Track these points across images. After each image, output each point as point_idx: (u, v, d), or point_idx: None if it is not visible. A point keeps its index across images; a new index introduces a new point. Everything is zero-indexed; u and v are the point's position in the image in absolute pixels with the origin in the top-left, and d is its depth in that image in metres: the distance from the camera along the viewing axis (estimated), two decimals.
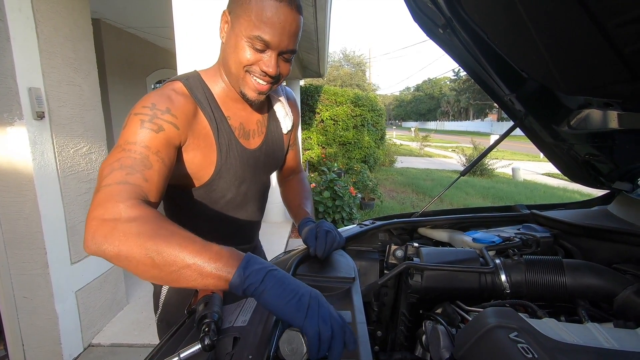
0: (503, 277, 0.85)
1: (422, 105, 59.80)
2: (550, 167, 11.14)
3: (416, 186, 7.60)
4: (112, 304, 2.42)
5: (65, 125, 1.99)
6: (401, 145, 16.13)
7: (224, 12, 0.75)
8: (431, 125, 54.48)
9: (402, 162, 11.50)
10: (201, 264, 0.52)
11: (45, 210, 1.84)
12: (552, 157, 1.25)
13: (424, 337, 0.80)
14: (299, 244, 1.07)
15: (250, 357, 0.55)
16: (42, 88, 1.83)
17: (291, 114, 0.97)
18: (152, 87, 5.33)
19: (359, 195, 4.87)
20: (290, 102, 1.00)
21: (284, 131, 0.96)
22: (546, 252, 1.00)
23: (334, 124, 8.36)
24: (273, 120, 0.93)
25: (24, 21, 1.73)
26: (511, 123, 1.26)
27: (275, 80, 0.76)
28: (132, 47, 4.73)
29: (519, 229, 1.11)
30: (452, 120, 55.01)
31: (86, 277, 2.16)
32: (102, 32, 4.06)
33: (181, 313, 0.92)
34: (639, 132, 0.93)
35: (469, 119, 51.11)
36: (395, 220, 1.20)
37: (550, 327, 0.59)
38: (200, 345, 0.57)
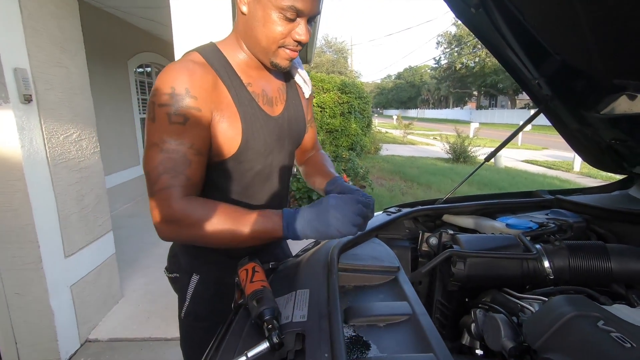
0: (546, 263, 0.84)
1: (403, 93, 60.10)
2: (529, 154, 11.49)
3: (403, 173, 7.66)
4: (107, 298, 2.33)
5: (54, 109, 1.86)
6: (386, 132, 16.20)
7: None
8: (412, 113, 54.96)
9: (387, 150, 11.55)
10: (258, 232, 0.69)
11: (36, 201, 1.72)
12: (573, 143, 1.25)
13: (472, 326, 0.79)
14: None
15: (326, 355, 0.51)
16: (28, 69, 1.68)
17: (308, 79, 0.94)
18: (134, 71, 5.08)
19: (350, 182, 4.86)
20: (304, 71, 0.96)
21: (306, 95, 0.94)
22: (579, 237, 1.00)
23: (321, 111, 8.25)
24: (291, 87, 0.90)
25: None
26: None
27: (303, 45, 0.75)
28: (112, 29, 4.47)
29: (547, 214, 1.11)
30: (432, 108, 55.69)
31: (81, 271, 2.05)
32: (80, 11, 3.81)
33: (210, 306, 0.87)
34: None
35: (448, 107, 51.85)
36: (421, 207, 1.18)
37: (625, 313, 0.57)
38: (268, 344, 0.53)
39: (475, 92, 41.36)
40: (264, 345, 0.53)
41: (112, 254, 2.39)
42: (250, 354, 0.52)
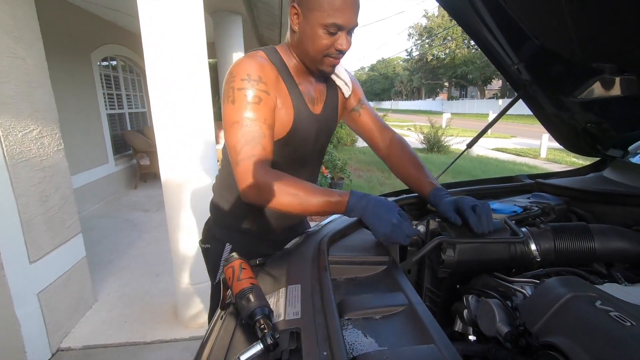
0: (533, 246, 0.85)
1: (377, 85, 60.58)
2: (499, 143, 11.88)
3: (380, 164, 7.73)
4: (79, 304, 2.21)
5: (10, 104, 1.71)
6: None
7: (292, 5, 0.85)
8: (386, 104, 55.53)
9: (362, 142, 11.61)
10: (325, 206, 0.80)
11: None
12: (551, 127, 1.27)
13: (465, 312, 0.78)
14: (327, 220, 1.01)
15: (325, 353, 0.48)
16: None
17: (349, 80, 1.05)
18: (99, 64, 4.82)
19: (329, 175, 4.84)
20: (347, 72, 1.07)
21: (346, 95, 1.06)
22: (561, 219, 1.02)
23: None
24: (331, 89, 1.03)
25: None
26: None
27: (344, 53, 0.88)
28: (73, 20, 4.21)
29: (528, 198, 1.12)
30: (405, 100, 56.48)
31: (48, 277, 1.93)
32: (38, 1, 3.55)
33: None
34: None
35: (421, 98, 52.75)
36: (406, 196, 1.17)
37: (616, 291, 0.58)
38: (262, 346, 0.49)
39: (446, 83, 42.26)
40: (258, 347, 0.49)
41: (82, 257, 2.26)
42: (243, 357, 0.49)
